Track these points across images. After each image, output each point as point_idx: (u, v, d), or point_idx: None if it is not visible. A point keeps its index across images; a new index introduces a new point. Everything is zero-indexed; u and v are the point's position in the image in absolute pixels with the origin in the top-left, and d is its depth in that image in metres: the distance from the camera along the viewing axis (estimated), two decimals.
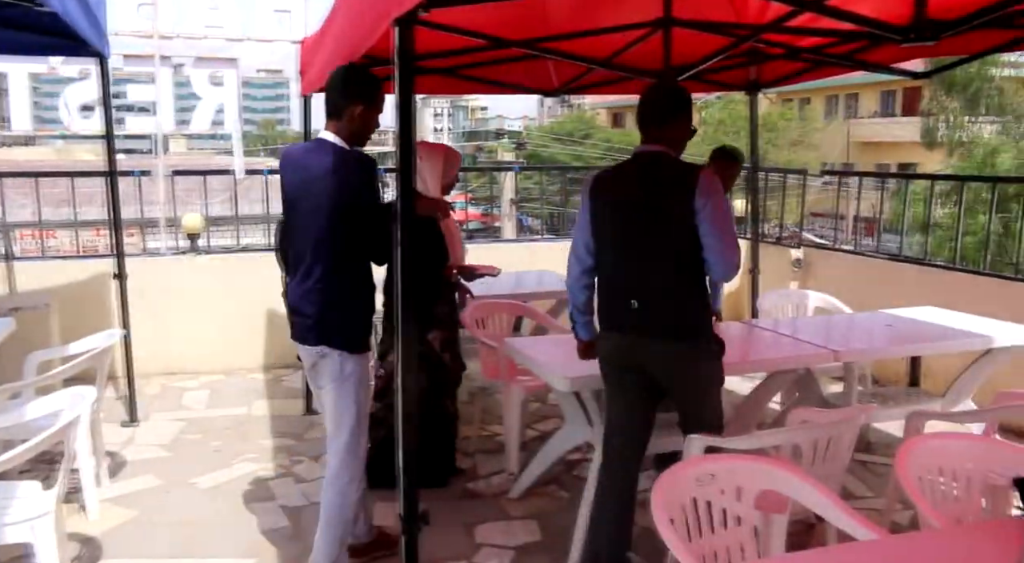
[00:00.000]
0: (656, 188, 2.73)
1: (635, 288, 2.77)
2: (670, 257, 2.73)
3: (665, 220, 2.71)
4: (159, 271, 5.98)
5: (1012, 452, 2.51)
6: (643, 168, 2.80)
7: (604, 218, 2.84)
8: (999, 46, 3.89)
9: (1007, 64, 16.31)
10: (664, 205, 2.70)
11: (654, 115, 2.78)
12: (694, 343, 2.79)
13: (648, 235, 2.74)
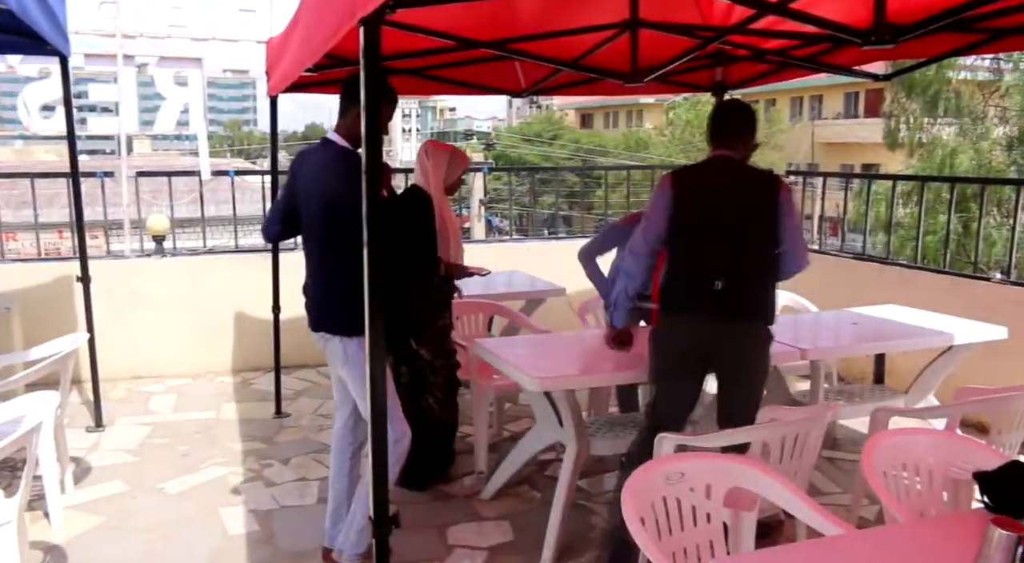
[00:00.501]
0: (742, 186, 3.07)
1: (721, 273, 2.99)
2: (755, 249, 3.04)
3: (752, 216, 3.02)
4: (124, 273, 5.89)
5: (972, 447, 2.56)
6: (726, 168, 3.10)
7: (688, 209, 3.07)
8: (956, 50, 3.97)
9: (964, 67, 16.66)
10: (750, 203, 3.04)
11: (728, 126, 3.13)
12: (767, 329, 3.10)
13: (736, 227, 3.02)
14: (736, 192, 3.06)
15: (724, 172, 3.10)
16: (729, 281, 2.99)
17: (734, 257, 3.02)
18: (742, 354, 3.10)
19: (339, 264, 3.00)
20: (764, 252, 3.06)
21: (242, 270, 6.09)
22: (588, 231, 10.28)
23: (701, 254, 3.06)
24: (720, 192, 3.07)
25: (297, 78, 3.72)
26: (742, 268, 3.02)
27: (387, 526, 2.21)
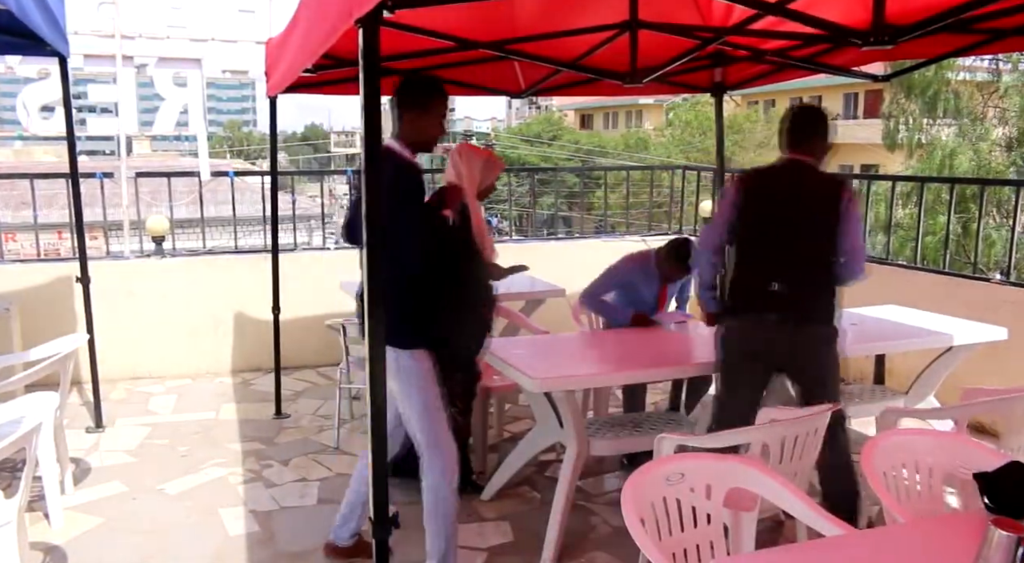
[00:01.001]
0: (808, 192, 3.15)
1: (778, 275, 3.11)
2: (814, 254, 3.13)
3: (814, 221, 3.11)
4: (124, 274, 5.89)
5: (973, 447, 2.56)
6: (795, 172, 3.18)
7: (751, 211, 3.17)
8: (955, 51, 3.98)
9: (963, 68, 16.66)
10: (815, 207, 3.11)
11: (805, 130, 3.20)
12: (825, 328, 3.18)
13: (797, 232, 3.12)
14: (801, 197, 3.15)
15: (792, 177, 3.19)
16: (786, 284, 3.10)
17: (792, 261, 3.12)
18: (807, 353, 3.19)
19: (391, 273, 2.87)
20: (824, 258, 3.13)
21: (242, 271, 6.09)
22: (588, 231, 10.28)
23: (759, 256, 3.18)
24: (785, 196, 3.16)
25: (296, 79, 3.72)
26: (800, 272, 3.12)
27: (387, 527, 2.21)
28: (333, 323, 4.55)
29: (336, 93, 4.85)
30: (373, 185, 2.08)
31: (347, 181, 7.61)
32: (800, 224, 3.13)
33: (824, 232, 3.10)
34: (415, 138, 2.97)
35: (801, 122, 3.25)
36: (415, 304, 2.96)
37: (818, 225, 3.11)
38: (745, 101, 32.89)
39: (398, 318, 2.91)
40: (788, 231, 3.13)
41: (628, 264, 4.36)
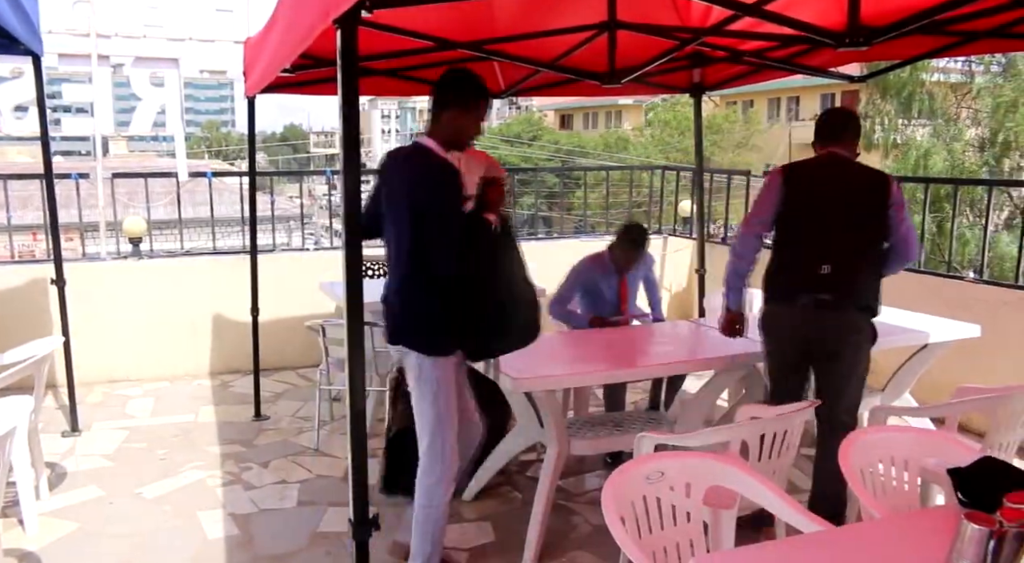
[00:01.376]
0: (852, 181, 3.27)
1: (827, 259, 3.20)
2: (861, 241, 3.23)
3: (860, 210, 3.22)
4: (100, 276, 5.83)
5: (949, 443, 2.60)
6: (838, 164, 3.29)
7: (797, 199, 3.27)
8: (929, 52, 4.03)
9: (937, 69, 16.87)
10: (859, 198, 3.23)
11: (840, 125, 3.35)
12: (870, 320, 3.30)
13: (843, 219, 3.21)
14: (845, 186, 3.25)
15: (836, 167, 3.30)
16: (835, 268, 3.18)
17: (842, 246, 3.21)
18: (839, 338, 3.26)
19: (423, 276, 2.86)
20: (870, 245, 3.25)
21: (220, 272, 6.05)
22: (568, 231, 10.30)
23: (809, 241, 3.25)
24: (833, 185, 3.27)
25: (275, 79, 3.70)
26: (847, 258, 3.21)
27: (367, 528, 2.20)
28: (313, 324, 4.53)
29: (315, 93, 4.83)
30: (351, 185, 2.07)
31: (326, 181, 7.58)
32: (848, 212, 3.22)
33: (871, 221, 3.22)
34: (452, 136, 2.89)
35: (837, 120, 3.40)
36: (444, 307, 2.87)
37: (863, 214, 3.22)
38: (724, 101, 33.09)
39: (425, 322, 2.89)
40: (837, 218, 3.22)
41: (587, 264, 4.42)
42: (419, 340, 2.89)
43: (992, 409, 3.06)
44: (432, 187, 2.80)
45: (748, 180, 7.57)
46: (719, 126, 30.00)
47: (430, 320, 2.89)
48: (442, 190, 2.79)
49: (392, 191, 2.94)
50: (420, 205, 2.79)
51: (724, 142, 30.13)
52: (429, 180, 2.82)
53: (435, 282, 2.84)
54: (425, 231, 2.78)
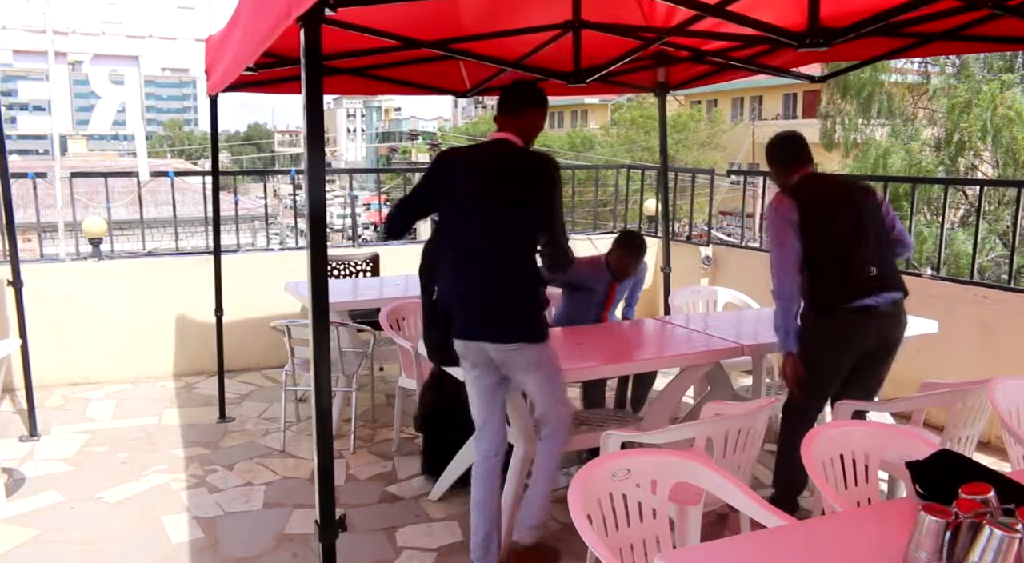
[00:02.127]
0: (854, 191, 3.54)
1: (875, 260, 3.38)
2: (887, 241, 3.47)
3: (876, 216, 3.45)
4: (59, 277, 5.72)
5: (907, 437, 2.66)
6: (824, 180, 3.68)
7: (822, 222, 3.38)
8: (886, 53, 4.12)
9: (895, 70, 17.18)
10: (867, 204, 3.46)
11: (804, 149, 3.56)
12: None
13: (870, 226, 3.42)
14: (847, 197, 3.48)
15: (829, 184, 3.62)
16: (879, 267, 3.37)
17: (871, 249, 3.40)
18: (899, 333, 3.49)
19: (520, 271, 2.95)
20: (888, 243, 3.48)
21: (183, 273, 5.97)
22: None
23: (845, 252, 3.37)
24: (837, 200, 3.46)
25: (238, 77, 3.66)
26: (884, 256, 3.43)
27: (334, 530, 2.19)
28: (278, 324, 4.49)
29: (279, 92, 4.79)
30: (316, 184, 2.06)
31: (291, 181, 7.52)
32: (860, 218, 3.41)
33: (878, 222, 3.46)
34: (531, 134, 3.04)
35: (798, 143, 3.57)
36: (540, 299, 3.05)
37: (871, 216, 3.43)
38: (688, 101, 33.40)
39: (531, 314, 3.01)
40: (857, 226, 3.40)
41: (582, 262, 4.40)
42: (531, 331, 2.99)
43: (951, 404, 3.13)
44: (557, 188, 3.00)
45: (712, 179, 7.65)
46: (684, 125, 30.27)
47: (540, 311, 3.06)
48: (544, 185, 2.96)
49: (476, 189, 2.96)
50: (548, 205, 2.96)
51: (689, 141, 30.40)
52: (555, 181, 2.99)
53: (538, 277, 3.01)
54: (552, 230, 2.98)
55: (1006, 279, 5.25)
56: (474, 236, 2.95)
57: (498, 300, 2.97)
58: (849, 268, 3.38)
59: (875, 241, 3.42)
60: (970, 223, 14.93)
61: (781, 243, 3.38)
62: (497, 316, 2.96)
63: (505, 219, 2.93)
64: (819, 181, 3.54)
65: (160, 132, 69.85)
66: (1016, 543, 1.53)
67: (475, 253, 2.96)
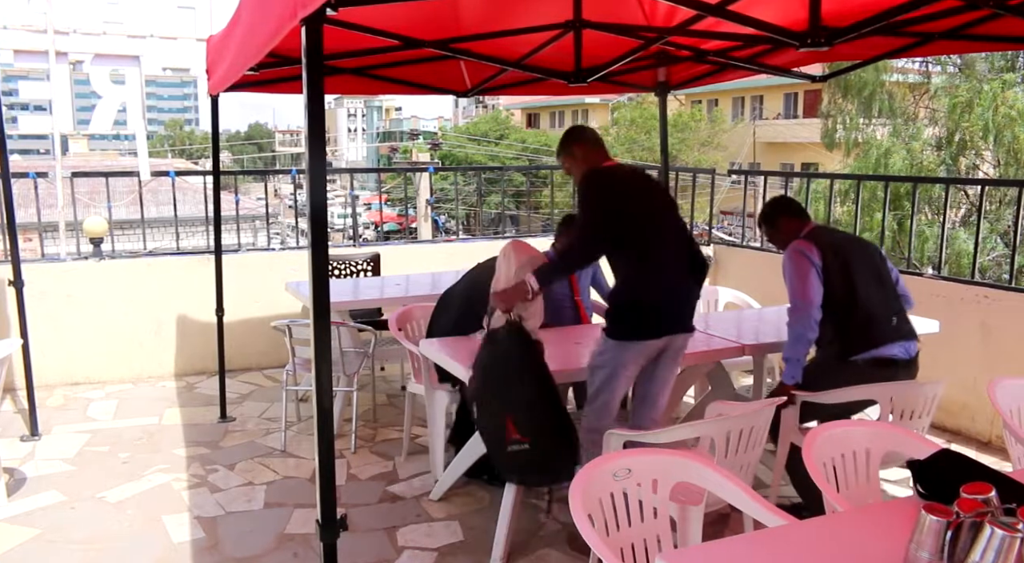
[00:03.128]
0: (870, 246, 3.73)
1: (890, 308, 3.50)
2: (893, 288, 3.59)
3: (882, 267, 3.59)
4: (60, 277, 5.72)
5: (906, 436, 2.66)
6: (835, 230, 3.94)
7: (846, 268, 3.44)
8: (888, 53, 4.11)
9: (896, 70, 17.16)
10: (880, 257, 3.64)
11: (801, 208, 3.75)
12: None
13: (886, 276, 3.57)
14: (863, 249, 3.63)
15: (839, 234, 3.77)
16: (898, 317, 3.49)
17: (892, 296, 3.54)
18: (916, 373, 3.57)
19: (686, 267, 3.30)
20: (897, 297, 3.58)
21: (184, 272, 5.97)
22: (535, 230, 10.34)
23: (870, 297, 3.44)
24: (850, 247, 3.56)
25: (239, 77, 3.66)
26: (898, 305, 3.54)
27: (335, 530, 2.19)
28: (278, 324, 4.49)
29: (280, 91, 4.79)
30: (317, 184, 2.06)
31: (292, 181, 7.52)
32: (880, 267, 3.57)
33: (886, 270, 3.60)
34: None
35: (794, 203, 3.80)
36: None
37: (885, 269, 3.59)
38: (689, 100, 33.39)
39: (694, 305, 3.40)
40: (878, 274, 3.53)
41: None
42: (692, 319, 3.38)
43: (908, 397, 3.24)
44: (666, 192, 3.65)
45: (713, 178, 7.65)
46: (684, 125, 30.25)
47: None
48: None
49: (652, 204, 3.33)
50: (677, 209, 3.48)
51: (689, 140, 30.38)
52: (661, 188, 3.53)
53: (694, 270, 3.38)
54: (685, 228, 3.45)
55: (1007, 279, 5.24)
56: (658, 241, 3.26)
57: (686, 292, 3.33)
58: (872, 315, 3.43)
59: (891, 290, 3.54)
60: (971, 223, 14.91)
61: (803, 278, 3.42)
62: (691, 308, 3.34)
63: (678, 228, 3.38)
64: (832, 232, 3.68)
65: (161, 132, 69.93)
66: (1017, 543, 1.53)
67: (665, 259, 3.25)
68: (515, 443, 2.99)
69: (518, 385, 3.01)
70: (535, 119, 46.45)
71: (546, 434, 3.00)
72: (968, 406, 4.81)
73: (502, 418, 3.01)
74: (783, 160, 29.71)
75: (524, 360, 3.03)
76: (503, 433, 3.01)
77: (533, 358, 3.08)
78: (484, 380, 3.10)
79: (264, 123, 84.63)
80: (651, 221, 3.27)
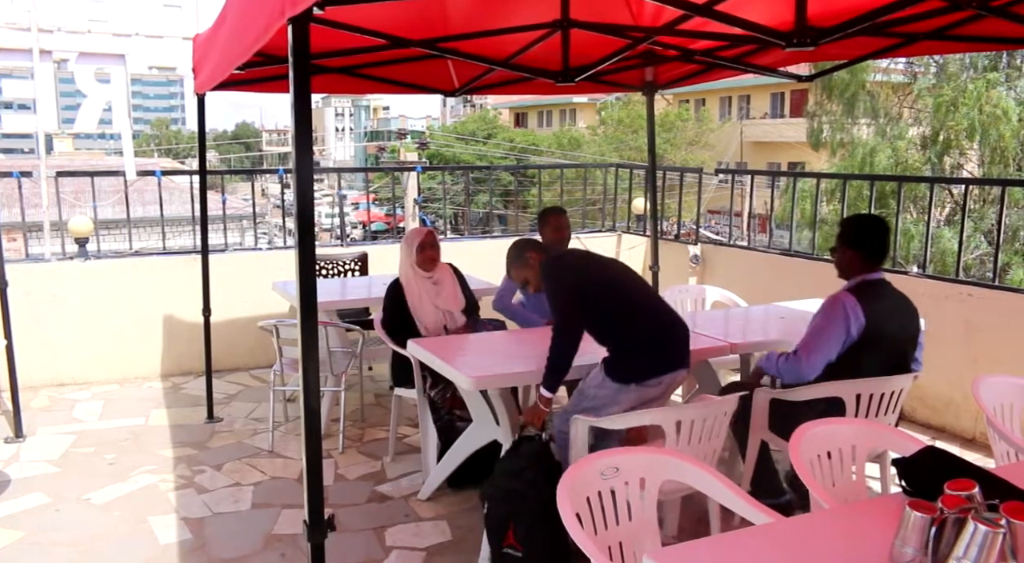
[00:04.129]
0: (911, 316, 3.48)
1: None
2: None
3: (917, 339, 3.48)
4: (44, 277, 5.68)
5: (891, 433, 2.68)
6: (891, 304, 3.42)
7: (868, 345, 3.26)
8: (873, 53, 4.14)
9: (879, 70, 17.28)
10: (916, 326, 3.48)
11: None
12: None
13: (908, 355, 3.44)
14: (903, 319, 3.43)
15: (889, 292, 3.43)
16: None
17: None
18: None
19: (669, 309, 3.38)
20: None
21: (171, 272, 5.94)
22: (523, 229, 10.33)
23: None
24: (888, 317, 3.34)
25: (226, 76, 3.64)
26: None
27: (322, 530, 2.19)
28: (266, 324, 4.48)
29: (267, 91, 4.77)
30: (304, 184, 2.05)
31: (279, 180, 7.49)
32: (905, 350, 3.43)
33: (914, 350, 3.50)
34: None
35: (878, 239, 3.44)
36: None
37: (915, 343, 3.48)
38: (676, 100, 33.49)
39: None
40: (901, 356, 3.41)
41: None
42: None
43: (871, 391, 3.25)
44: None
45: (700, 178, 7.68)
46: (672, 124, 30.34)
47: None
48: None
49: (624, 269, 3.54)
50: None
51: (677, 140, 30.48)
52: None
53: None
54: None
55: (991, 277, 5.29)
56: (638, 297, 3.33)
57: (685, 333, 3.31)
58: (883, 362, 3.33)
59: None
60: (956, 221, 15.04)
61: (827, 337, 3.29)
62: (687, 346, 3.30)
63: (642, 284, 3.52)
64: (883, 297, 3.37)
65: (147, 131, 69.53)
66: (1000, 538, 1.54)
67: (648, 308, 3.31)
68: (510, 547, 3.00)
69: (528, 500, 3.02)
70: (523, 118, 46.46)
71: (541, 553, 3.00)
72: (952, 403, 4.85)
73: (506, 521, 3.02)
74: (770, 159, 29.85)
75: (538, 480, 3.03)
76: (502, 533, 3.03)
77: (548, 483, 3.08)
78: (500, 482, 3.11)
79: (251, 122, 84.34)
80: (618, 283, 3.32)
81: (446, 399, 4.02)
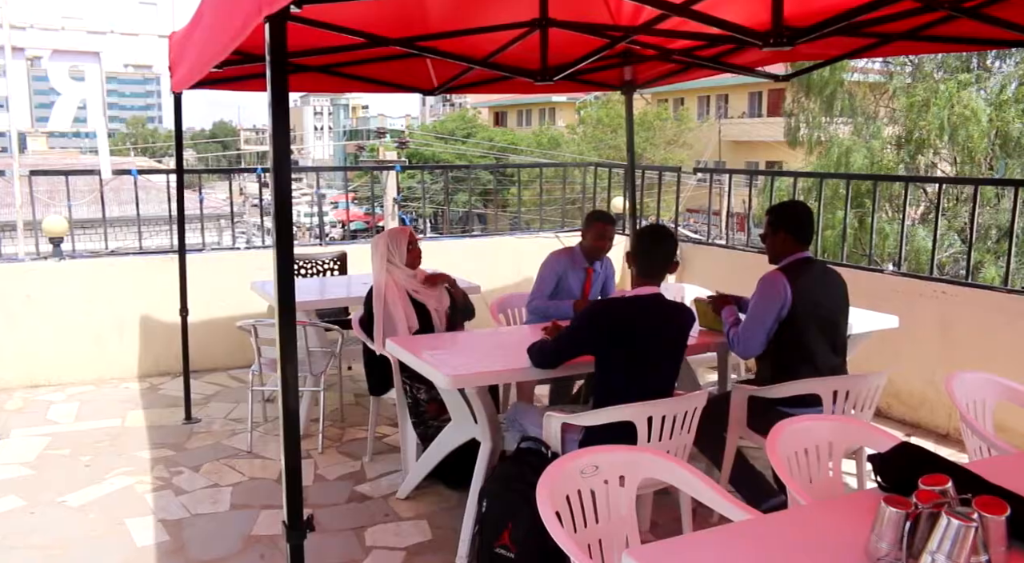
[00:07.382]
0: (838, 287, 3.67)
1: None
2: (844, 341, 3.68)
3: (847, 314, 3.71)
4: (18, 277, 5.60)
5: (867, 430, 2.71)
6: (817, 277, 3.59)
7: (801, 317, 3.43)
8: (849, 53, 4.18)
9: (856, 70, 17.44)
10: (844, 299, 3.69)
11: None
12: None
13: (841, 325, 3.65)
14: (830, 290, 3.60)
15: (817, 275, 3.57)
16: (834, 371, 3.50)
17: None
18: None
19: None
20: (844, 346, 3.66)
21: (147, 272, 5.88)
22: (503, 228, 10.34)
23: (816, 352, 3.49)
24: (820, 298, 3.51)
25: (203, 75, 3.61)
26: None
27: (302, 531, 2.18)
28: (244, 324, 4.45)
29: (245, 89, 4.73)
30: (283, 183, 2.04)
31: (257, 179, 7.44)
32: (838, 320, 3.60)
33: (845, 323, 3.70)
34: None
35: (803, 220, 3.63)
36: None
37: (845, 315, 3.68)
38: (655, 99, 33.63)
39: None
40: (833, 328, 3.58)
41: (555, 256, 4.48)
42: None
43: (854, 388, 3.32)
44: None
45: (679, 177, 7.72)
46: (650, 123, 30.47)
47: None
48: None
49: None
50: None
51: (656, 139, 30.61)
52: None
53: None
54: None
55: (964, 274, 5.36)
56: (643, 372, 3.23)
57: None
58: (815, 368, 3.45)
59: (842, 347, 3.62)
60: (930, 220, 15.21)
61: (762, 315, 3.45)
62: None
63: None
64: (811, 274, 3.51)
65: (123, 130, 68.76)
66: (972, 531, 1.56)
67: (642, 381, 3.22)
68: (503, 547, 3.00)
69: (531, 503, 3.01)
70: (502, 117, 46.47)
71: (534, 557, 3.00)
72: (927, 399, 4.91)
73: (504, 521, 3.01)
74: (748, 158, 30.06)
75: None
76: (498, 532, 3.02)
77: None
78: (503, 483, 3.09)
79: (229, 121, 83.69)
80: (635, 356, 3.16)
81: (430, 405, 3.99)
